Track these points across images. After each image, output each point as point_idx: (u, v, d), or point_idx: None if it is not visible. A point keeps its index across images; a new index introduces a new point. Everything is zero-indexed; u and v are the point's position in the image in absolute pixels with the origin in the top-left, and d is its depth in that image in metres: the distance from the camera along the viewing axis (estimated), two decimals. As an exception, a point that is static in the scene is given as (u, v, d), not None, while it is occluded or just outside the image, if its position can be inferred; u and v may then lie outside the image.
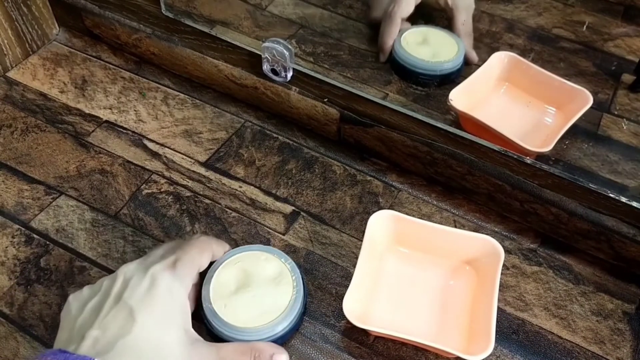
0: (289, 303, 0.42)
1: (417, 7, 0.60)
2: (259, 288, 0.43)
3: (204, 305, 0.42)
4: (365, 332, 0.44)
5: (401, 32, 0.59)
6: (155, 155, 0.55)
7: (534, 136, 0.51)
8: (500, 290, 0.44)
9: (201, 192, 0.52)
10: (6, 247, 0.48)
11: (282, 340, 0.42)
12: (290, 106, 0.57)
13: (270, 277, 0.44)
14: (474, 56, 0.58)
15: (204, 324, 0.43)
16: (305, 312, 0.45)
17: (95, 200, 0.52)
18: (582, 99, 0.51)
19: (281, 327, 0.42)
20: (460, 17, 0.58)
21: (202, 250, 0.42)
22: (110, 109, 0.59)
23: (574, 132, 0.51)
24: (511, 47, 0.60)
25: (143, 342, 0.35)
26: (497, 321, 0.42)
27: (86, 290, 0.39)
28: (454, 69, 0.57)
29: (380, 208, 0.51)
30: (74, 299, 0.39)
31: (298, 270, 0.44)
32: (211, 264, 0.44)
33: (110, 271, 0.47)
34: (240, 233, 0.50)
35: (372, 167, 0.55)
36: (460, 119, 0.52)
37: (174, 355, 0.36)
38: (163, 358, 0.36)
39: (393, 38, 0.58)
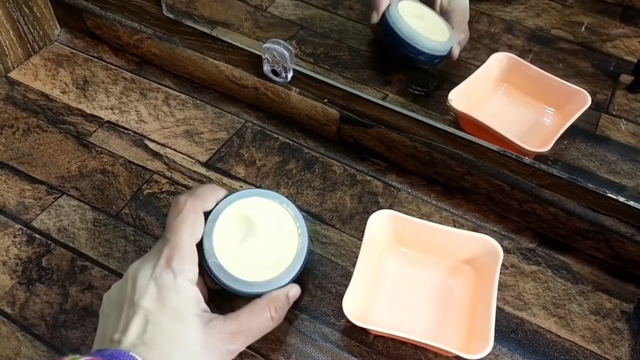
0: (297, 250, 0.42)
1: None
2: (264, 237, 0.42)
3: (208, 260, 0.41)
4: (365, 331, 0.44)
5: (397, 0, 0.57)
6: (156, 155, 0.56)
7: (532, 136, 0.51)
8: (499, 289, 0.45)
9: (202, 192, 0.53)
10: (8, 247, 0.49)
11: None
12: (290, 107, 0.57)
13: (274, 225, 0.43)
14: (456, 52, 0.57)
15: (208, 275, 0.41)
16: (310, 254, 0.44)
17: (96, 200, 0.52)
18: (580, 100, 0.51)
19: (292, 275, 0.42)
20: (456, 17, 0.58)
21: (192, 225, 0.41)
22: (111, 109, 0.59)
23: (572, 132, 0.51)
24: (510, 48, 0.60)
25: (160, 338, 0.37)
26: (496, 320, 0.42)
27: (113, 289, 0.41)
28: (442, 52, 0.56)
29: (380, 208, 0.51)
30: (106, 299, 0.41)
31: (300, 215, 0.43)
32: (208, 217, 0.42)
33: (111, 271, 0.47)
34: (240, 233, 0.50)
35: (371, 167, 0.55)
36: (459, 120, 0.53)
37: (192, 342, 0.38)
38: (182, 348, 0.37)
39: None
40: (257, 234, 0.42)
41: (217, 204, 0.43)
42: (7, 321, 0.44)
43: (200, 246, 0.41)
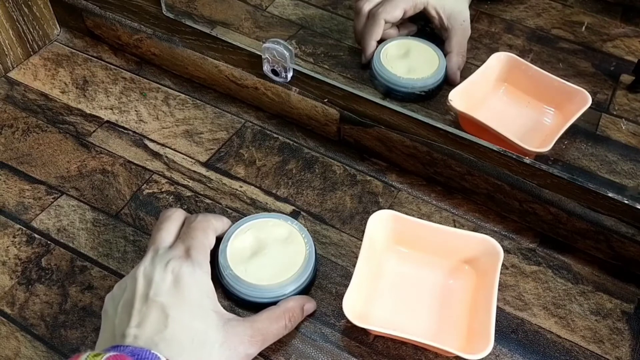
0: (305, 256, 0.45)
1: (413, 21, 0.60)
2: (274, 249, 0.46)
3: (224, 273, 0.44)
4: (365, 331, 0.44)
5: (385, 42, 0.58)
6: (156, 155, 0.55)
7: (533, 136, 0.51)
8: (499, 289, 0.45)
9: (202, 192, 0.53)
10: (7, 247, 0.49)
11: (305, 293, 0.46)
12: (290, 106, 0.57)
13: (282, 238, 0.46)
14: (456, 77, 0.56)
15: (224, 292, 0.44)
16: (317, 268, 0.47)
17: (96, 200, 0.52)
18: (581, 100, 0.51)
19: (303, 279, 0.44)
20: (455, 37, 0.57)
21: (205, 230, 0.43)
22: (111, 109, 0.59)
23: (572, 132, 0.51)
24: (510, 47, 0.60)
25: (180, 334, 0.37)
26: (497, 320, 0.42)
27: (116, 289, 0.41)
28: (431, 86, 0.56)
29: (380, 208, 0.51)
30: (109, 299, 0.40)
31: (306, 230, 0.47)
32: (219, 239, 0.46)
33: (111, 271, 0.47)
34: (240, 233, 0.50)
35: (371, 167, 0.55)
36: (459, 119, 0.53)
37: (211, 339, 0.38)
38: (202, 344, 0.37)
39: (375, 39, 0.57)
40: (267, 248, 0.46)
41: (229, 228, 0.46)
42: (7, 321, 0.44)
43: (215, 264, 0.45)
